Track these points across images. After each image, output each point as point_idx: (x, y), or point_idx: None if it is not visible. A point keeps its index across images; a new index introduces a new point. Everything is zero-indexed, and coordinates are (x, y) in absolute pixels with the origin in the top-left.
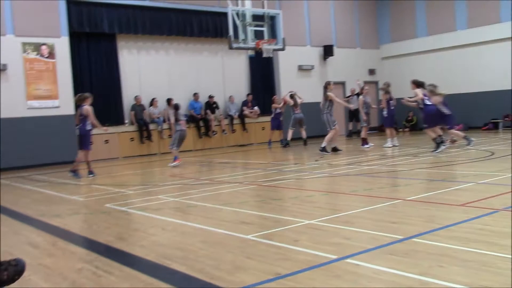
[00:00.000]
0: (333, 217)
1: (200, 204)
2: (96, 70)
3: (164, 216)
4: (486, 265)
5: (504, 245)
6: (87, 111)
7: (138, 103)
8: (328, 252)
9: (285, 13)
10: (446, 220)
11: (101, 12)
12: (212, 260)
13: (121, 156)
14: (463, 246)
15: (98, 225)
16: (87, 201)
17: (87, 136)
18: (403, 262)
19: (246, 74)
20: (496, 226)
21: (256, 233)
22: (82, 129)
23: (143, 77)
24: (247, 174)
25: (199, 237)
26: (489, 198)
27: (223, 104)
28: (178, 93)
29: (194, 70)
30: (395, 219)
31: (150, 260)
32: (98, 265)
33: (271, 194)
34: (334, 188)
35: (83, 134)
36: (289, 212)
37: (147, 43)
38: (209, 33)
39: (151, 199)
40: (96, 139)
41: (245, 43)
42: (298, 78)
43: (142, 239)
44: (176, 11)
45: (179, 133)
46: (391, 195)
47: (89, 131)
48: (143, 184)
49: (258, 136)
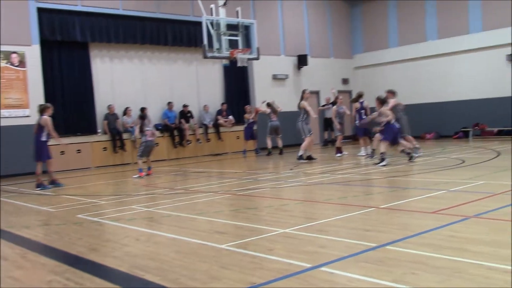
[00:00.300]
0: (308, 226)
1: (174, 214)
2: (68, 79)
3: (138, 226)
4: (458, 271)
5: (475, 252)
6: (45, 122)
7: (111, 112)
8: (303, 261)
9: (260, 23)
10: (418, 228)
11: (73, 20)
12: (186, 270)
13: (93, 166)
14: (435, 253)
15: (69, 236)
16: (58, 211)
17: (41, 147)
18: (376, 270)
19: (220, 83)
20: (467, 233)
21: (230, 242)
22: (36, 140)
23: (116, 86)
24: (222, 183)
25: (173, 247)
26: (460, 206)
27: (198, 113)
28: (152, 102)
29: (168, 79)
30: (369, 227)
31: (122, 271)
32: (69, 277)
33: (246, 203)
34: (308, 196)
35: (37, 144)
36: (264, 221)
37: (121, 52)
38: (183, 42)
39: (124, 209)
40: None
41: (219, 52)
42: (272, 87)
43: (114, 249)
44: (150, 20)
45: (145, 144)
46: (364, 203)
47: (45, 142)
48: (116, 194)
49: (233, 145)
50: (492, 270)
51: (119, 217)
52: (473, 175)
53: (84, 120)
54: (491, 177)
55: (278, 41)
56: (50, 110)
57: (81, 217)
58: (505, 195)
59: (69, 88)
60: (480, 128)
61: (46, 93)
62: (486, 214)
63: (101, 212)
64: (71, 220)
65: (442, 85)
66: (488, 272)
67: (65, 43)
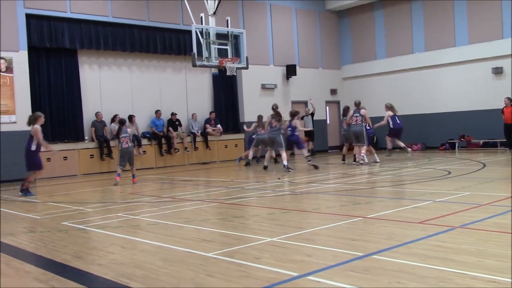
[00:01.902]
0: (295, 235)
1: (161, 222)
2: (56, 85)
3: (124, 234)
4: (443, 281)
5: (460, 262)
6: (35, 131)
7: (98, 120)
8: (290, 270)
9: (249, 33)
10: (405, 237)
11: (62, 27)
12: (172, 278)
13: (80, 173)
14: (421, 263)
15: (54, 244)
16: (43, 219)
17: (30, 156)
18: (363, 279)
19: (209, 91)
20: (453, 243)
21: (217, 250)
22: (26, 149)
23: (104, 93)
24: (209, 192)
25: (160, 255)
26: (446, 216)
27: (186, 121)
28: (140, 110)
29: (157, 87)
30: (356, 236)
31: (108, 279)
32: (53, 285)
33: (233, 212)
34: (296, 206)
35: (27, 154)
36: (251, 230)
37: (109, 59)
38: (173, 51)
39: (110, 217)
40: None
41: (208, 61)
42: (261, 96)
43: (100, 257)
44: (139, 27)
45: (121, 151)
46: (352, 213)
47: (34, 152)
48: (102, 201)
49: (220, 154)
50: (476, 279)
51: (105, 225)
52: (459, 186)
53: (71, 127)
54: (476, 188)
55: (267, 51)
56: (41, 119)
57: (66, 225)
58: (490, 206)
59: (56, 94)
60: (466, 140)
61: (33, 100)
62: (471, 225)
63: (87, 220)
64: (56, 228)
65: (428, 96)
66: (472, 282)
67: (54, 49)
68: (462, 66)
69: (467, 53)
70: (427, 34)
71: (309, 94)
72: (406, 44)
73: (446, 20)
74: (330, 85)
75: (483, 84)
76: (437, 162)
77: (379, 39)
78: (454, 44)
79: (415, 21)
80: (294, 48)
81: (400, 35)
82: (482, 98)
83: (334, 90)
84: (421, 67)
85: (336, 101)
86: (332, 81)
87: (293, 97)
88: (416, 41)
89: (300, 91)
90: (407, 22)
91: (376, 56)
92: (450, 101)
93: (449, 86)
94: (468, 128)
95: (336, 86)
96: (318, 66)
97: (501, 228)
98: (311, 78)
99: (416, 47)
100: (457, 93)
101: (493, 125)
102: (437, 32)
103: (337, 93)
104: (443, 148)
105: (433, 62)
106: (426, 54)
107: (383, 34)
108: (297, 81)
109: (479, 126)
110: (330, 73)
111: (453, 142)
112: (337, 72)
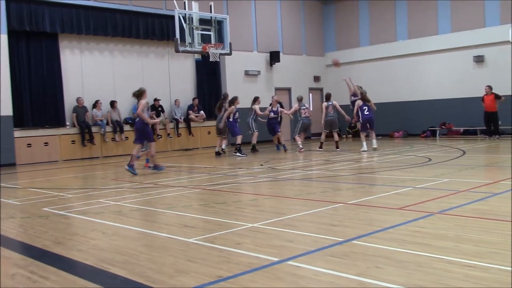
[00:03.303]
0: (276, 221)
1: (143, 208)
2: (37, 70)
3: (105, 220)
4: (421, 265)
5: (438, 247)
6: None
7: (80, 105)
8: (270, 255)
9: (232, 18)
10: (384, 223)
11: (42, 10)
12: (153, 263)
13: (61, 159)
14: (399, 248)
15: (34, 230)
16: (23, 205)
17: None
18: (342, 264)
19: (192, 77)
20: (431, 229)
21: (199, 236)
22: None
23: (86, 78)
24: (192, 178)
25: (141, 241)
26: (425, 202)
27: (169, 107)
28: (122, 96)
29: (140, 72)
30: (336, 222)
31: (88, 265)
32: (33, 270)
33: (215, 198)
34: (278, 192)
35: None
36: (233, 216)
37: (91, 44)
38: (155, 36)
39: (91, 203)
40: (35, 142)
41: (191, 47)
42: (244, 83)
43: (81, 243)
44: (121, 12)
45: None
46: (333, 199)
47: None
48: (83, 187)
49: (203, 140)
50: (453, 264)
51: (86, 211)
52: (439, 173)
53: (52, 112)
54: (456, 175)
55: (251, 37)
56: (145, 94)
57: (47, 211)
58: (468, 193)
59: (37, 79)
60: (447, 128)
61: (13, 84)
62: (450, 211)
63: (68, 206)
64: (36, 214)
65: (411, 84)
66: (449, 266)
67: (34, 33)
68: (444, 54)
69: (449, 41)
70: (410, 22)
71: (292, 81)
72: (390, 31)
73: (429, 8)
74: (314, 72)
75: (465, 72)
76: (418, 149)
77: (363, 27)
78: (436, 32)
79: (398, 8)
80: (278, 34)
81: (383, 23)
82: (463, 86)
83: (317, 77)
84: (404, 55)
85: (319, 88)
86: (315, 68)
87: (276, 83)
88: (400, 29)
89: (284, 77)
90: (391, 9)
91: (360, 43)
92: (431, 89)
93: (431, 74)
94: (449, 115)
95: (319, 73)
96: (301, 53)
97: (479, 214)
98: (294, 65)
99: (400, 35)
100: (439, 81)
101: (473, 113)
102: (420, 20)
103: (320, 80)
104: (424, 135)
105: (416, 50)
106: (409, 42)
107: (367, 22)
108: (281, 68)
109: (460, 114)
110: (314, 60)
111: (434, 129)
112: (320, 59)
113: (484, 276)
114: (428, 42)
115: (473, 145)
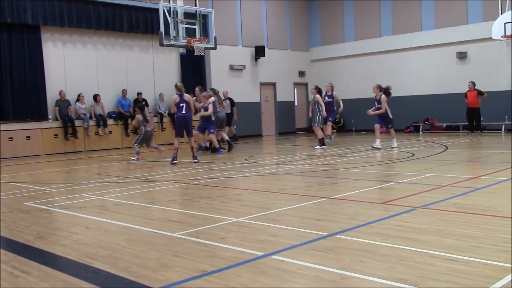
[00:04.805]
0: (261, 215)
1: (126, 202)
2: (18, 63)
3: (88, 215)
4: (404, 259)
5: (421, 241)
6: (188, 98)
7: (62, 99)
8: (255, 249)
9: (217, 12)
10: (368, 217)
11: (24, 2)
12: (137, 258)
13: (43, 153)
14: (383, 242)
15: (16, 224)
16: (5, 199)
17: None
18: (326, 258)
19: (177, 71)
20: (414, 223)
21: (183, 231)
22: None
23: (68, 71)
24: (177, 172)
25: (125, 235)
26: (408, 197)
27: (153, 101)
28: (105, 89)
29: (123, 66)
30: (320, 216)
31: (71, 259)
32: (15, 265)
33: (199, 193)
34: (262, 186)
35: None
36: (217, 210)
37: (74, 36)
38: (140, 29)
39: (74, 197)
40: (17, 135)
41: (176, 41)
42: (229, 77)
43: (63, 238)
44: (105, 4)
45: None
46: (317, 193)
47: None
48: (66, 182)
49: None
50: (435, 258)
51: (69, 205)
52: (422, 168)
53: (34, 105)
54: (438, 170)
55: (236, 31)
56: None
57: (29, 205)
58: (450, 187)
59: (18, 72)
60: (430, 123)
61: None
62: (432, 205)
63: (50, 200)
64: (18, 208)
65: (395, 80)
66: (432, 260)
67: (15, 25)
68: (428, 50)
69: (433, 37)
70: (395, 18)
71: (277, 75)
72: (374, 27)
73: (413, 5)
74: (299, 67)
75: (448, 68)
76: (401, 145)
77: (347, 22)
78: (420, 28)
79: (383, 5)
80: (263, 29)
81: (368, 19)
82: (446, 82)
83: (302, 72)
84: (388, 51)
85: (304, 83)
86: (300, 63)
87: (261, 78)
88: (384, 25)
89: (269, 72)
90: (375, 5)
91: (345, 38)
92: (415, 85)
93: (415, 70)
94: (432, 111)
95: (304, 68)
96: (286, 48)
97: (461, 209)
98: (279, 60)
99: (384, 31)
100: (422, 77)
101: (456, 109)
102: (404, 17)
103: (305, 75)
104: (407, 130)
105: (399, 46)
106: (393, 38)
107: (352, 17)
108: (266, 63)
109: (443, 110)
110: (299, 54)
111: (417, 125)
112: (305, 54)
113: (466, 270)
114: (411, 38)
115: (456, 140)
